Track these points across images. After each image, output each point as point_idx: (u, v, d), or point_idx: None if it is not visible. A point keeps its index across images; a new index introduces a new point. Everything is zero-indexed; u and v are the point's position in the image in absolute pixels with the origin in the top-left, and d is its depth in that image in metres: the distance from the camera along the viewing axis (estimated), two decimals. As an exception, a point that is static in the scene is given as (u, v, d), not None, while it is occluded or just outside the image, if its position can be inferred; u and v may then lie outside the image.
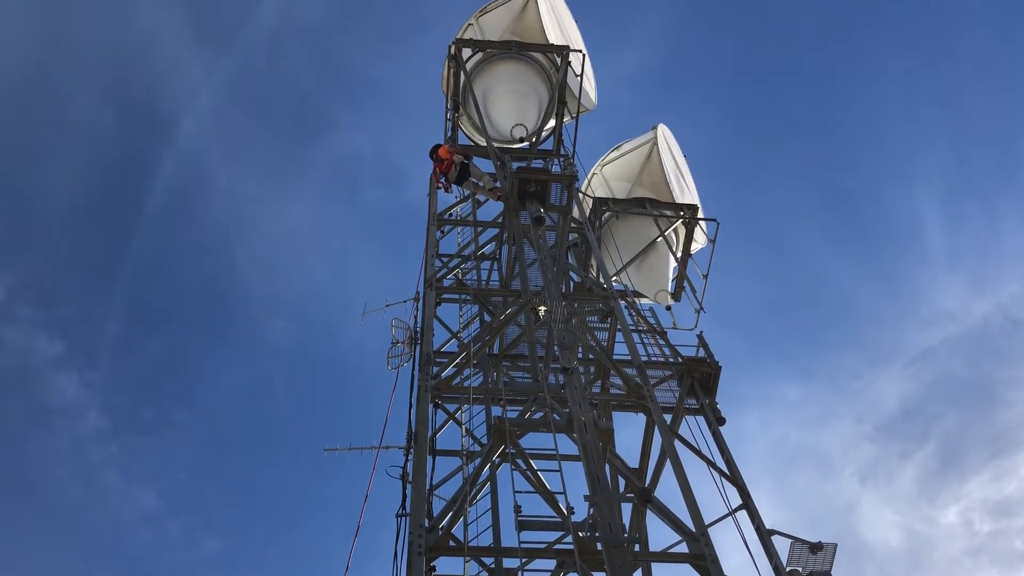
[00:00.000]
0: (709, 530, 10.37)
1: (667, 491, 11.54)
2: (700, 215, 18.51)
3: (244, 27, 42.96)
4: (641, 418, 13.92)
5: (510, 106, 17.67)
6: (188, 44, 43.00)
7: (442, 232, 16.73)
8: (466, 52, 17.78)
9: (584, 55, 18.41)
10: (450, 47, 17.68)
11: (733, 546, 11.41)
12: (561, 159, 17.66)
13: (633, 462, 13.76)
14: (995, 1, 42.47)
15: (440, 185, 15.87)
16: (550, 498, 10.15)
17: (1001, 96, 43.25)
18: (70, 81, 41.18)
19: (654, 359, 14.59)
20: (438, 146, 15.83)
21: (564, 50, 17.73)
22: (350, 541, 10.76)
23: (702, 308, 17.40)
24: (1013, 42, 42.36)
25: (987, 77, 43.11)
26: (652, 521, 13.23)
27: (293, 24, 45.29)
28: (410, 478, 10.75)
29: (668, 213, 18.28)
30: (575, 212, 16.00)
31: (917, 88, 44.87)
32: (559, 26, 18.93)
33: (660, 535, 13.65)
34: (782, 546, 11.56)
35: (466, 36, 18.26)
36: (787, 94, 46.66)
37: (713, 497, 12.09)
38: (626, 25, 44.54)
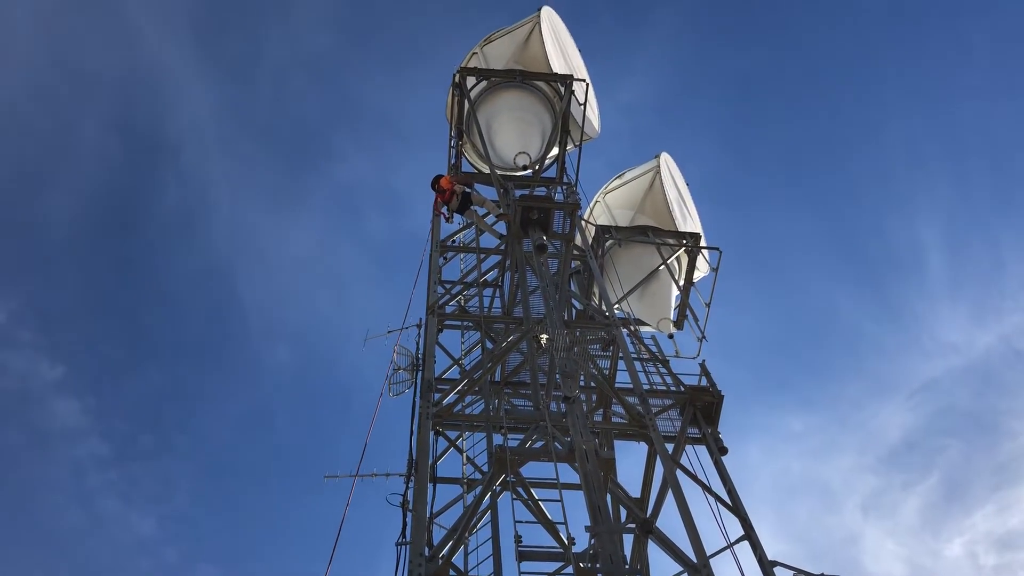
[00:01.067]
0: (711, 561, 10.28)
1: (669, 521, 11.48)
2: (703, 243, 18.55)
3: (250, 56, 43.46)
4: (643, 447, 13.86)
5: (513, 134, 17.77)
6: (194, 72, 43.45)
7: (445, 259, 16.76)
8: (470, 80, 17.91)
9: (587, 84, 18.54)
10: (454, 75, 17.83)
11: (734, 577, 11.31)
12: (564, 187, 17.72)
13: (635, 491, 13.68)
14: (997, 32, 42.81)
15: (442, 215, 15.92)
16: (551, 528, 10.08)
17: (1003, 127, 43.51)
18: (77, 108, 41.59)
19: (656, 388, 14.56)
20: (440, 176, 15.89)
21: (568, 79, 17.86)
22: (348, 569, 10.69)
23: (704, 337, 17.39)
24: (1015, 73, 42.66)
25: (989, 107, 43.38)
26: (654, 552, 13.14)
27: (299, 54, 45.78)
28: (410, 506, 10.70)
29: (671, 241, 18.31)
30: (578, 240, 16.03)
31: (919, 120, 45.18)
32: (563, 55, 19.09)
33: (662, 566, 13.54)
34: (785, 578, 11.48)
35: (470, 65, 18.42)
36: (789, 126, 46.97)
37: (715, 528, 12.02)
38: (629, 55, 44.97)
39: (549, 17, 18.95)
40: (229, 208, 43.67)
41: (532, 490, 10.82)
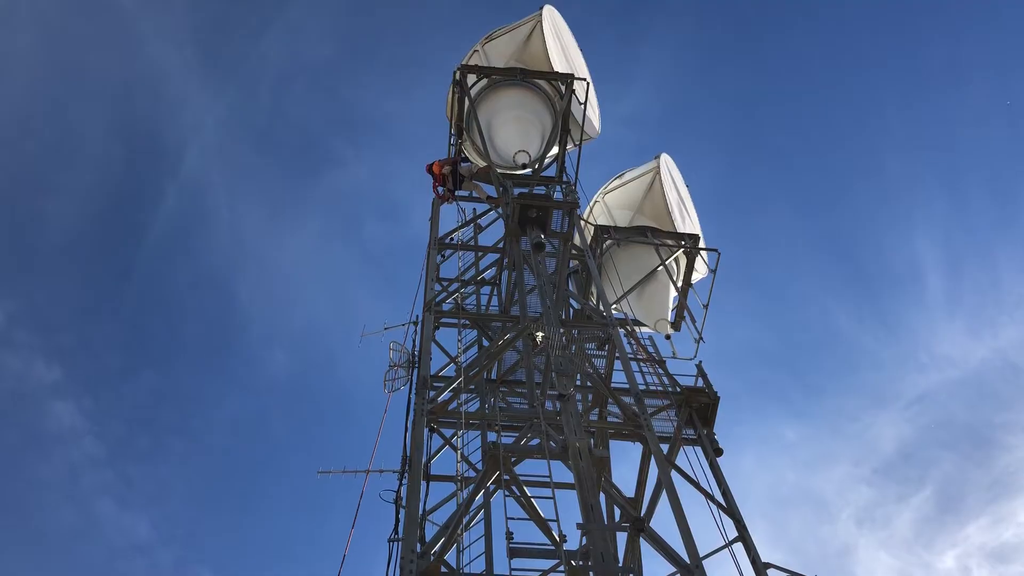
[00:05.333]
0: (704, 562, 10.27)
1: (663, 522, 11.43)
2: (702, 245, 18.54)
3: (250, 62, 43.47)
4: (639, 449, 13.84)
5: (513, 132, 17.75)
6: (195, 78, 43.46)
7: (443, 256, 16.76)
8: (471, 78, 17.90)
9: (588, 83, 18.51)
10: (455, 73, 17.80)
11: (728, 579, 11.28)
12: (563, 186, 17.72)
13: (631, 493, 13.66)
14: (995, 47, 42.90)
15: (443, 198, 16.60)
16: (543, 525, 10.06)
17: (1000, 142, 43.60)
18: (77, 112, 41.57)
19: (652, 388, 14.54)
20: (431, 164, 16.77)
21: (568, 78, 17.84)
22: (344, 569, 10.66)
23: (702, 338, 17.36)
24: (1013, 88, 42.76)
25: (986, 123, 43.46)
26: (648, 553, 13.13)
27: (299, 60, 45.80)
28: (403, 503, 10.68)
29: (669, 242, 18.30)
30: (576, 239, 16.02)
31: (916, 134, 45.26)
32: (564, 54, 19.07)
33: (655, 567, 13.52)
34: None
35: (471, 62, 18.40)
36: (787, 139, 47.02)
37: (709, 529, 12.00)
38: (630, 65, 44.99)
39: (551, 16, 18.92)
40: (228, 213, 43.66)
41: (526, 488, 10.79)
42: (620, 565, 11.77)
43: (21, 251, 39.81)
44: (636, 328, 17.75)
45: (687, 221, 19.29)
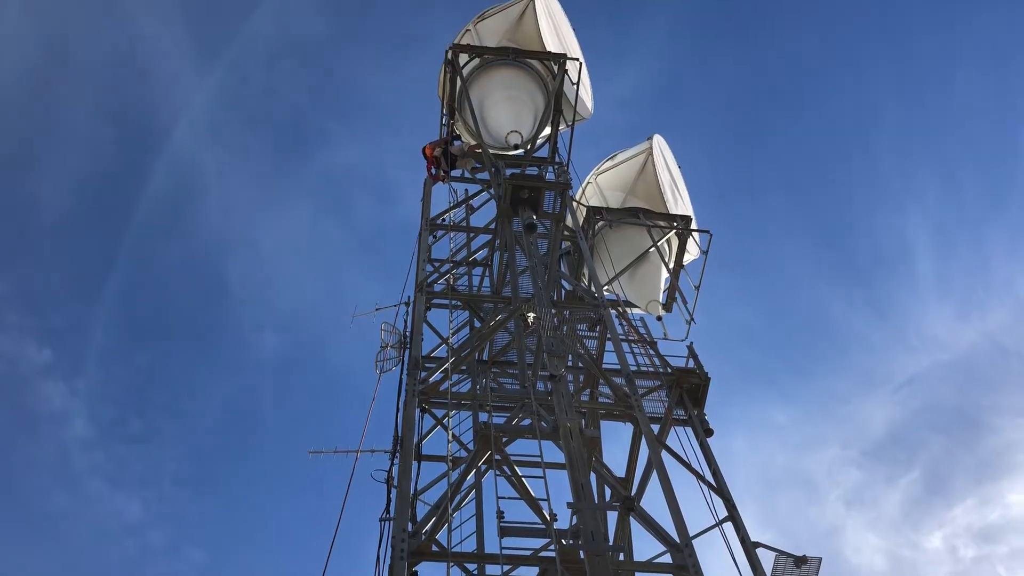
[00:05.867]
0: (694, 541, 10.33)
1: (654, 502, 11.49)
2: (694, 226, 18.54)
3: (240, 40, 43.07)
4: (630, 429, 13.89)
5: (506, 113, 17.66)
6: (184, 56, 43.08)
7: (435, 237, 16.72)
8: (463, 58, 17.78)
9: (581, 63, 18.42)
10: (447, 52, 17.69)
11: (718, 558, 11.38)
12: (555, 167, 17.67)
13: (622, 473, 13.72)
14: (985, 33, 42.93)
15: (436, 178, 16.92)
16: (534, 505, 10.10)
17: (992, 125, 43.71)
18: (66, 91, 41.19)
19: (644, 369, 14.58)
20: (425, 146, 17.11)
21: (561, 58, 17.74)
22: (335, 551, 10.68)
23: (693, 319, 17.42)
24: (1004, 72, 42.84)
25: (978, 106, 43.57)
26: (640, 533, 13.21)
27: (289, 38, 45.43)
28: (395, 482, 10.70)
29: (661, 223, 18.31)
30: (568, 220, 15.99)
31: (909, 117, 45.36)
32: (557, 34, 18.95)
33: (647, 547, 13.61)
34: (767, 560, 11.57)
35: (463, 42, 18.27)
36: (779, 122, 47.01)
37: (699, 509, 12.07)
38: (623, 47, 44.81)
39: (544, -5, 18.80)
40: (219, 192, 43.46)
41: (517, 468, 10.83)
42: (610, 544, 11.84)
43: (11, 232, 39.61)
44: (628, 309, 17.78)
45: (679, 202, 19.28)
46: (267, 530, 39.95)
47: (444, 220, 17.28)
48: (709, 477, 12.68)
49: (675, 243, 18.36)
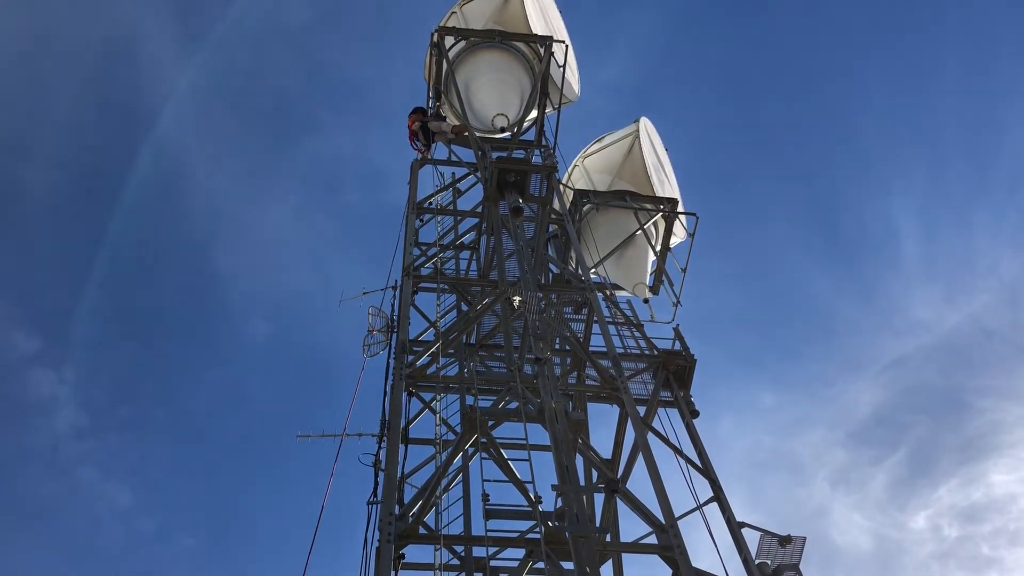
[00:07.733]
0: (680, 522, 10.43)
1: (640, 484, 11.58)
2: (680, 209, 18.56)
3: (227, 25, 42.63)
4: (616, 412, 13.95)
5: (492, 95, 17.61)
6: (171, 41, 42.68)
7: (421, 221, 16.69)
8: (449, 40, 17.70)
9: (567, 46, 18.37)
10: (432, 35, 17.61)
11: (704, 538, 11.48)
12: (542, 149, 17.65)
13: (608, 455, 13.79)
14: (972, 17, 43.00)
15: (419, 151, 17.35)
16: (520, 487, 10.17)
17: (978, 109, 43.87)
18: (52, 76, 40.73)
19: (630, 351, 14.63)
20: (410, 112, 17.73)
21: (547, 40, 17.69)
22: (323, 534, 10.74)
23: (679, 302, 17.45)
24: (990, 56, 42.91)
25: (965, 90, 43.67)
26: (626, 515, 13.31)
27: (277, 24, 45.03)
28: (382, 466, 10.74)
29: (648, 206, 18.31)
30: (555, 203, 15.99)
31: (895, 101, 45.42)
32: (543, 17, 18.88)
33: (633, 528, 13.72)
34: (752, 539, 11.67)
35: (449, 24, 18.19)
36: (767, 106, 47.00)
37: (684, 490, 12.16)
38: (611, 31, 44.64)
39: (530, -23, 18.71)
40: (206, 179, 43.15)
41: (503, 451, 10.88)
42: (596, 525, 11.93)
43: (-3, 218, 39.26)
44: (614, 292, 17.82)
45: (666, 185, 19.27)
46: (257, 515, 40.05)
47: (431, 203, 17.26)
48: (695, 458, 12.76)
49: (662, 226, 18.38)
